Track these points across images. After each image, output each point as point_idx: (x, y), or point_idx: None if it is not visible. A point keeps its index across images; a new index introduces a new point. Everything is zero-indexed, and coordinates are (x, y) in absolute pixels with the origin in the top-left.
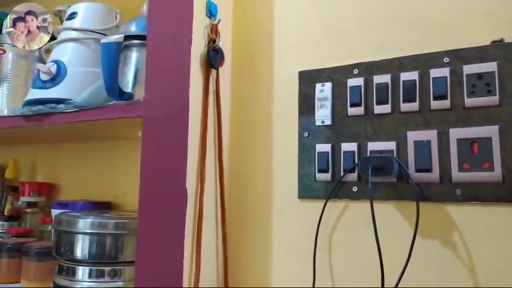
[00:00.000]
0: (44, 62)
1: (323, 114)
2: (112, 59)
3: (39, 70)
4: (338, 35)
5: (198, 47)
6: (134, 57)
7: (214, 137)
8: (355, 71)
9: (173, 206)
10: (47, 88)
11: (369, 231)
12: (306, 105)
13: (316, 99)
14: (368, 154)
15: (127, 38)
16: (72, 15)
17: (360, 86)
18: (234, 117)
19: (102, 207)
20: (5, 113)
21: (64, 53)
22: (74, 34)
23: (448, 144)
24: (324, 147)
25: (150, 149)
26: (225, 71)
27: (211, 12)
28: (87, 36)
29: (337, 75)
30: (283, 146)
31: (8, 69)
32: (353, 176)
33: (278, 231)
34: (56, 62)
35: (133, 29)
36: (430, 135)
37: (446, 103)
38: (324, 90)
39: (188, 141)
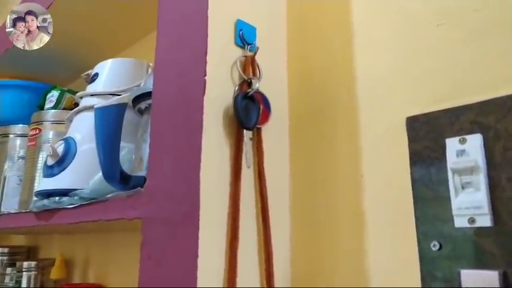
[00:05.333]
0: None
1: (470, 203)
2: (110, 129)
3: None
4: (480, 39)
5: (218, 96)
6: None
7: (259, 252)
8: None
9: None
10: (54, 175)
11: None
12: (428, 183)
13: (449, 171)
14: None
15: (145, 96)
16: (93, 78)
17: None
18: (297, 214)
19: None
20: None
21: (79, 126)
22: (94, 100)
23: None
24: (481, 278)
25: (147, 274)
26: (274, 131)
27: (243, 39)
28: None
29: (494, 116)
30: (392, 265)
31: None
32: None
33: None
34: (65, 140)
35: None
36: None
37: None
38: (466, 150)
39: (199, 263)
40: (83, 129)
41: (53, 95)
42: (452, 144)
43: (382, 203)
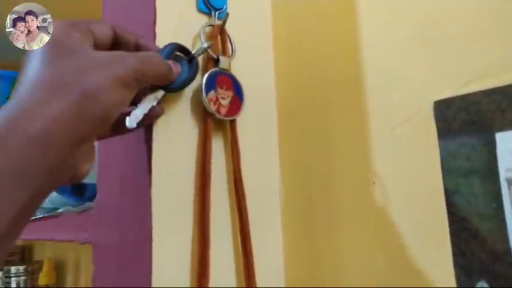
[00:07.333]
0: None
1: None
2: None
3: None
4: None
5: None
6: None
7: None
8: None
9: None
10: None
11: None
12: (470, 198)
13: (503, 182)
14: None
15: None
16: None
17: None
18: (289, 239)
19: None
20: None
21: None
22: None
23: None
24: None
25: None
26: (256, 126)
27: (208, 2)
28: None
29: None
30: None
31: None
32: None
33: None
34: None
35: None
36: None
37: None
38: None
39: None
40: None
41: None
42: (505, 141)
43: (402, 222)
